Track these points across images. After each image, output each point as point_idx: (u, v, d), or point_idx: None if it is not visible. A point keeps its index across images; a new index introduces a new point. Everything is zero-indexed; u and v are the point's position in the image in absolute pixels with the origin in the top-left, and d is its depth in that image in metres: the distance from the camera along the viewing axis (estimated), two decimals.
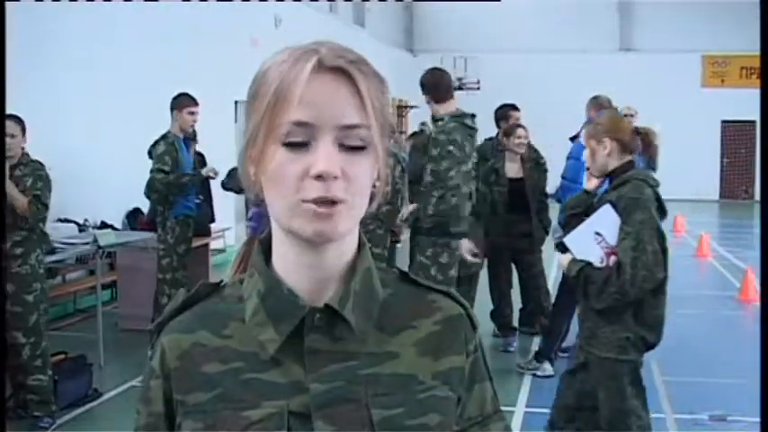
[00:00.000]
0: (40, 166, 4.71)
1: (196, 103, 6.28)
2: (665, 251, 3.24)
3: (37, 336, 4.73)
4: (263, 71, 0.94)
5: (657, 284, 3.26)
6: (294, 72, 0.90)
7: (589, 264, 3.29)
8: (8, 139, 4.52)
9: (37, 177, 4.66)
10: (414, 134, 11.40)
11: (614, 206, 3.24)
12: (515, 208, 6.15)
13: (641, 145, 3.43)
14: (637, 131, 3.42)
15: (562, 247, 3.45)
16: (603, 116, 3.51)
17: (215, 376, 0.95)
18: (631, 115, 7.67)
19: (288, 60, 0.92)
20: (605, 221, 3.23)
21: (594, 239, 3.26)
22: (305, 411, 0.93)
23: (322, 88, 0.90)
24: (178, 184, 6.14)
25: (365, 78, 0.92)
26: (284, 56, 0.93)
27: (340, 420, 0.93)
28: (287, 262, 0.97)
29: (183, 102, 6.24)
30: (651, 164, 4.22)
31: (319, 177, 0.89)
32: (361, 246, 1.00)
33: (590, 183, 3.52)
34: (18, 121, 4.62)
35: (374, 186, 0.96)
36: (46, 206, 4.69)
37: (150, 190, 6.17)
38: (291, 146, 0.90)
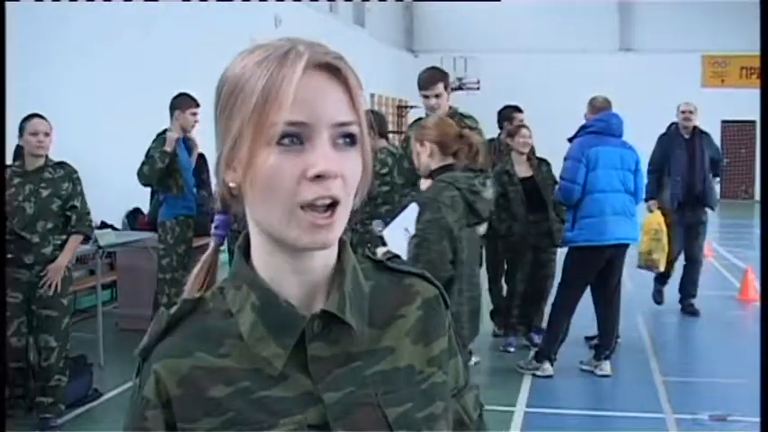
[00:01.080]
0: (73, 169, 4.73)
1: (198, 104, 6.24)
2: (455, 251, 3.35)
3: (65, 339, 4.71)
4: (239, 71, 0.90)
5: (442, 283, 3.32)
6: (283, 71, 0.86)
7: (396, 256, 3.39)
8: (42, 137, 4.56)
9: (75, 182, 4.69)
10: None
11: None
12: (532, 206, 6.22)
13: (466, 149, 3.53)
14: (460, 135, 3.51)
15: (381, 241, 3.61)
16: (429, 119, 3.63)
17: (224, 400, 0.90)
18: (690, 111, 7.66)
19: (269, 59, 0.88)
20: (411, 219, 3.40)
21: (404, 235, 3.42)
22: (323, 422, 0.90)
23: (314, 86, 0.87)
24: (155, 168, 6.01)
25: (352, 74, 0.90)
26: (259, 54, 0.89)
27: (359, 426, 0.91)
28: (275, 270, 0.93)
29: (185, 102, 6.19)
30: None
31: (318, 178, 0.86)
32: (341, 244, 0.96)
33: (424, 183, 3.64)
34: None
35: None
36: (89, 213, 4.79)
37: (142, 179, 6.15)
38: (285, 146, 0.86)
